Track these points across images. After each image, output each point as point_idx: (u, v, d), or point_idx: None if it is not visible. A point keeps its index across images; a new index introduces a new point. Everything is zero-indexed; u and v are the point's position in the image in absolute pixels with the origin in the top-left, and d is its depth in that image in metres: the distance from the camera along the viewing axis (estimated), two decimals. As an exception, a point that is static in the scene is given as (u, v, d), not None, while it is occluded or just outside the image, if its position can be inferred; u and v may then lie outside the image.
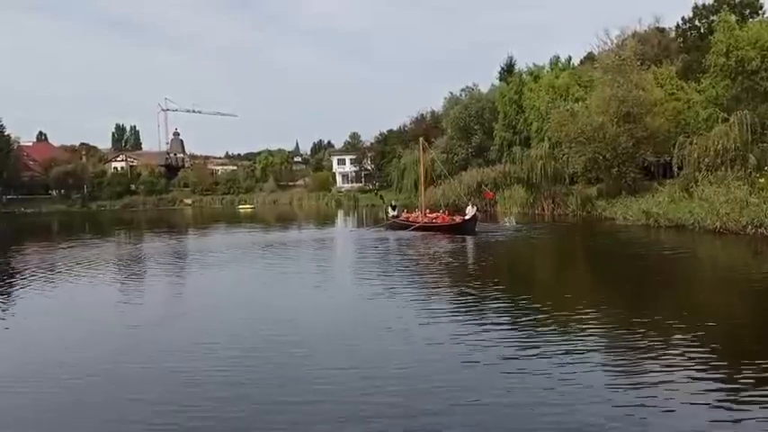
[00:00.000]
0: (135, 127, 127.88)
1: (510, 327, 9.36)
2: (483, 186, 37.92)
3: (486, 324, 9.50)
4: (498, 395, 6.43)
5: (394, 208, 31.12)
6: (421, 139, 34.97)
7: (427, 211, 29.49)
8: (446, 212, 28.19)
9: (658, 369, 7.03)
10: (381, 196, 43.17)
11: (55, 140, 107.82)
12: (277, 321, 10.28)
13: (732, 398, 6.10)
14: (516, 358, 7.64)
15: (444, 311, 10.56)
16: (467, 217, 25.17)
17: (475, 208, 25.70)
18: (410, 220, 28.23)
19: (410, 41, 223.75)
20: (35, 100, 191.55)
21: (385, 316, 10.42)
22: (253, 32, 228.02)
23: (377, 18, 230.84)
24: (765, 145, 25.11)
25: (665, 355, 7.56)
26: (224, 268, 18.15)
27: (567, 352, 7.78)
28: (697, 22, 40.70)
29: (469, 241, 22.61)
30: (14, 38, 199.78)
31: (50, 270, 17.91)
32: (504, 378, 6.95)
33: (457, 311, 10.55)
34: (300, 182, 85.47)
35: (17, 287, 15.20)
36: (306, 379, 7.14)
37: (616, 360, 7.60)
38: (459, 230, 24.59)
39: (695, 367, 7.05)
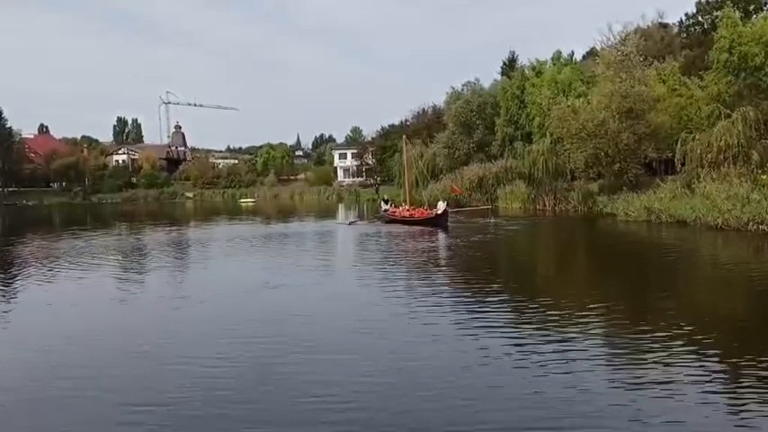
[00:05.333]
0: (136, 120, 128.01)
1: (505, 324, 9.38)
2: (453, 184, 39.93)
3: (479, 321, 9.52)
4: (496, 393, 6.46)
5: (387, 202, 34.24)
6: (404, 136, 36.85)
7: (409, 206, 32.08)
8: (425, 208, 30.68)
9: (658, 366, 7.03)
10: (378, 191, 44.18)
11: (56, 133, 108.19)
12: (270, 316, 10.29)
13: (733, 396, 6.12)
14: (511, 354, 7.67)
15: (428, 304, 10.62)
16: (438, 212, 27.63)
17: (445, 203, 28.26)
18: (395, 214, 31.18)
19: (410, 40, 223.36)
20: (35, 99, 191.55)
21: (372, 306, 10.52)
22: (253, 30, 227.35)
23: (377, 17, 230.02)
24: (768, 141, 25.02)
25: (664, 352, 7.55)
26: (224, 261, 18.18)
27: (565, 350, 7.79)
28: (700, 18, 40.42)
29: (440, 234, 24.31)
30: (14, 35, 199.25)
31: (52, 262, 17.95)
32: (501, 375, 6.98)
33: (440, 304, 10.60)
34: (301, 176, 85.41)
35: (19, 279, 15.24)
36: (301, 373, 7.16)
37: (615, 356, 7.60)
38: (432, 224, 27.27)
39: (696, 365, 7.06)
